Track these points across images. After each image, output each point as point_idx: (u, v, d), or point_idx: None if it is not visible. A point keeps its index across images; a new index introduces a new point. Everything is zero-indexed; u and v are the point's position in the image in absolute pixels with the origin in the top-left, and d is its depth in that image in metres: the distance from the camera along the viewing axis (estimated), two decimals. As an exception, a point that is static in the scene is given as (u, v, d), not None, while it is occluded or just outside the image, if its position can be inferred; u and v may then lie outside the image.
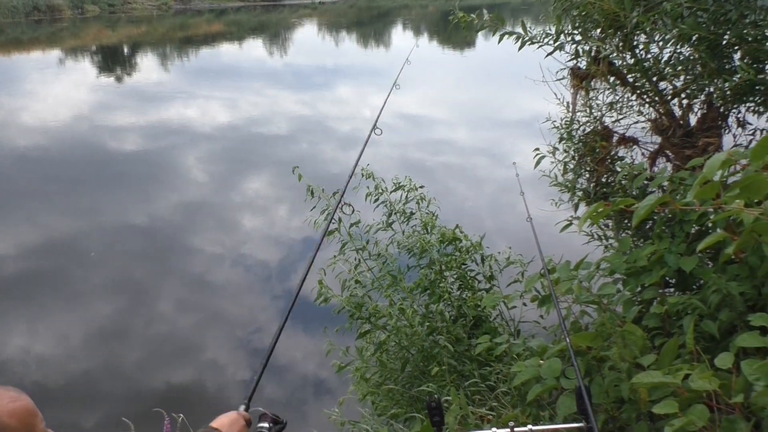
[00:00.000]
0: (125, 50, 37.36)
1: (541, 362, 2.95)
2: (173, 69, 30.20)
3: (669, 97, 3.92)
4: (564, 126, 4.24)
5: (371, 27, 47.74)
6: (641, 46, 3.96)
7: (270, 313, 10.70)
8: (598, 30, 4.02)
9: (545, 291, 3.22)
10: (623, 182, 3.64)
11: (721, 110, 3.77)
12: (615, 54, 3.99)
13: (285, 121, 19.08)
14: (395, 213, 4.47)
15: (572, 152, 4.18)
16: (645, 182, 3.62)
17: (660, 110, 3.95)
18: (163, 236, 11.62)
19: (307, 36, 44.95)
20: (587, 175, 4.18)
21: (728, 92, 3.66)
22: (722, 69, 3.66)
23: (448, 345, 3.78)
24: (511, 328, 4.20)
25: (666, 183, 3.29)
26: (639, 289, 3.36)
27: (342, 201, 3.77)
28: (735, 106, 3.84)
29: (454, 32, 41.32)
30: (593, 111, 4.22)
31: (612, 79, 4.08)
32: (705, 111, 3.80)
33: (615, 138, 4.11)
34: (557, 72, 4.34)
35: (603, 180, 4.08)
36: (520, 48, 3.95)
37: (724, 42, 3.66)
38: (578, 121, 4.24)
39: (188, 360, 8.80)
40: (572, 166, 4.18)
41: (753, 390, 1.95)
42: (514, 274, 4.40)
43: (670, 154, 3.91)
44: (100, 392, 7.38)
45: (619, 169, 3.65)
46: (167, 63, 32.36)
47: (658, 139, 3.99)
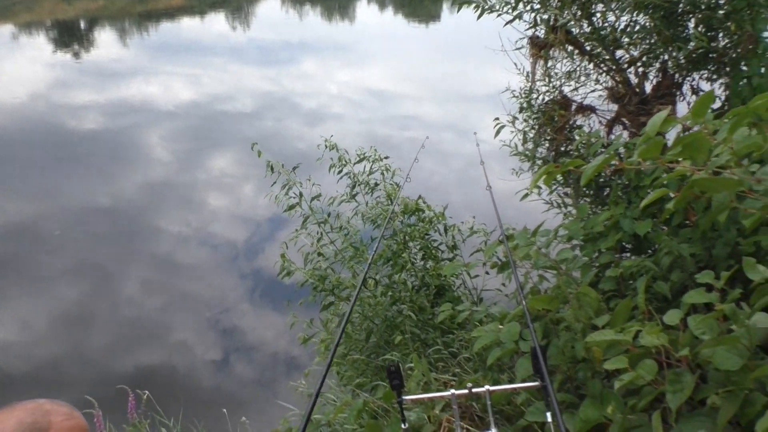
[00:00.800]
0: (82, 25, 36.19)
1: (501, 327, 3.01)
2: (133, 44, 29.40)
3: (625, 66, 3.97)
4: (523, 96, 4.27)
5: (336, 0, 47.10)
6: (598, 15, 4.00)
7: (238, 293, 10.65)
8: (557, -2, 4.05)
9: (505, 258, 3.27)
10: (581, 150, 3.69)
11: (676, 78, 3.84)
12: (572, 22, 4.02)
13: (249, 98, 18.81)
14: (359, 184, 4.47)
15: (532, 122, 4.22)
16: (601, 150, 3.68)
17: (616, 78, 4.01)
18: (128, 217, 11.42)
19: (271, 10, 44.13)
20: (547, 144, 4.23)
21: (682, 60, 3.73)
22: (677, 37, 3.72)
23: (411, 314, 3.83)
24: (474, 297, 4.26)
25: (622, 149, 3.35)
26: (596, 255, 3.44)
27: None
28: (689, 74, 3.91)
29: (419, 5, 40.97)
30: (552, 80, 4.26)
31: (570, 48, 4.12)
32: (660, 79, 3.86)
33: (573, 107, 4.16)
34: (516, 41, 4.36)
35: (562, 149, 4.13)
36: (479, 17, 3.95)
37: (679, 10, 3.72)
38: (537, 91, 4.28)
39: (156, 342, 8.73)
40: (532, 136, 4.23)
41: (699, 344, 2.02)
42: (477, 244, 4.45)
43: (627, 122, 3.98)
44: (67, 377, 7.28)
45: (577, 137, 3.71)
46: (126, 38, 31.48)
47: (615, 107, 4.05)
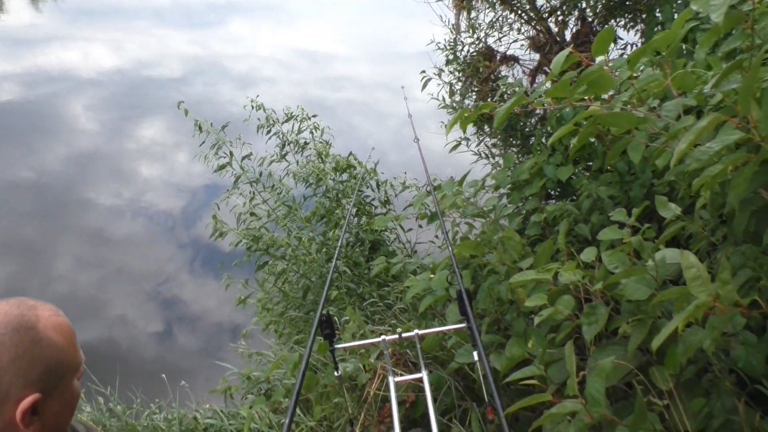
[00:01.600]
0: (-12, -9, 33.88)
1: (432, 276, 3.08)
2: (46, 9, 27.76)
3: (546, 15, 4.03)
4: (449, 48, 4.29)
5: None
6: (519, -35, 4.03)
7: (177, 263, 10.45)
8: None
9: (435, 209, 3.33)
10: (506, 99, 3.76)
11: (594, 26, 3.93)
12: (494, -28, 4.05)
13: (177, 63, 18.15)
14: (288, 144, 4.43)
15: (458, 74, 4.25)
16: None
17: (537, 28, 4.07)
18: (54, 191, 10.96)
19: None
20: (473, 96, 4.28)
21: (600, 8, 3.81)
22: (594, -15, 3.80)
23: (347, 269, 3.87)
24: (408, 250, 4.33)
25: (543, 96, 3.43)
26: (522, 203, 3.54)
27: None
28: (607, 22, 4.01)
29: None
30: (476, 31, 4.28)
31: (492, -2, 4.14)
32: (579, 27, 3.94)
33: (497, 57, 4.21)
34: (440, -8, 4.35)
35: (488, 99, 4.19)
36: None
37: (596, -41, 3.79)
38: (462, 43, 4.30)
39: (94, 318, 8.51)
40: (459, 88, 4.26)
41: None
42: (410, 199, 4.50)
43: (548, 70, 4.05)
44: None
45: (502, 87, 3.77)
46: (39, 2, 29.68)
47: (537, 57, 4.12)
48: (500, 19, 4.15)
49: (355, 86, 15.85)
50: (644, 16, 3.86)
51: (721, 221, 2.13)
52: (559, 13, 4.00)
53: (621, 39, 4.12)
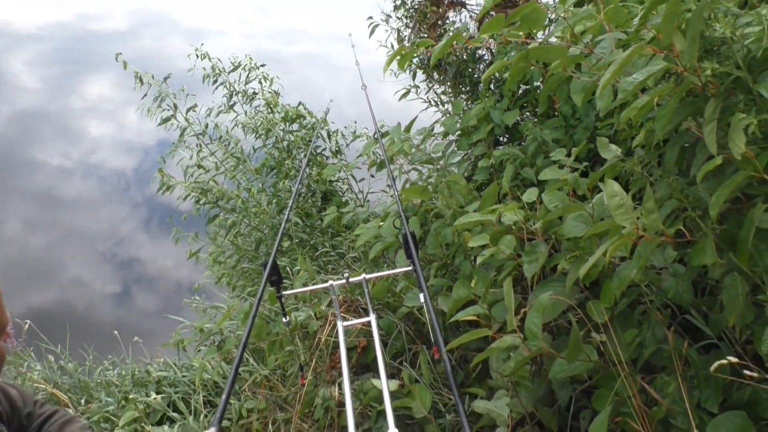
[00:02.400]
0: None
1: (381, 223, 3.10)
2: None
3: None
4: (396, -8, 4.22)
5: None
6: None
7: (132, 223, 10.25)
8: None
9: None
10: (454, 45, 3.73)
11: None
12: None
13: (123, 15, 17.45)
14: (236, 94, 4.33)
15: (406, 20, 4.20)
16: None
17: (486, -28, 4.01)
18: (-3, 152, 10.58)
19: None
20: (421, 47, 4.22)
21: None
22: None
23: (299, 220, 3.85)
24: (361, 200, 4.33)
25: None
26: (471, 149, 3.57)
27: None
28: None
29: None
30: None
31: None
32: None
33: (445, 2, 4.16)
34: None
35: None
36: None
37: None
38: (410, -13, 4.23)
39: (48, 281, 8.35)
40: (407, 35, 4.21)
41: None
42: (362, 148, 4.48)
43: (494, 14, 4.01)
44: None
45: (450, 33, 3.73)
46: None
47: (483, 1, 4.08)
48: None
49: (309, 39, 15.52)
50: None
51: (659, 161, 2.18)
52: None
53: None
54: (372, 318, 2.26)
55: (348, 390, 1.93)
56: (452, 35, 1.75)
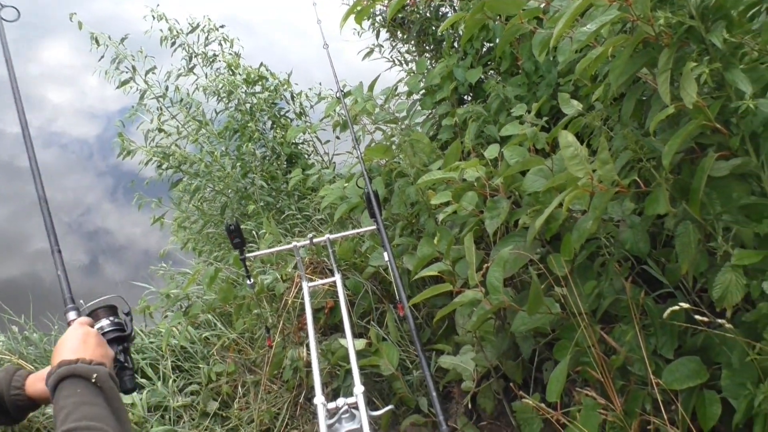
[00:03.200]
0: None
1: (346, 184, 3.08)
2: None
3: None
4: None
5: None
6: None
7: (97, 193, 10.05)
8: None
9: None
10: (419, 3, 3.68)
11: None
12: None
13: (78, -25, 16.77)
14: (196, 56, 4.22)
15: (369, -23, 4.10)
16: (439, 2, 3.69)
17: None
18: (-52, 122, 10.21)
19: None
20: (385, 1, 4.15)
21: None
22: None
23: (263, 183, 3.81)
24: (326, 162, 4.30)
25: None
26: (435, 108, 3.55)
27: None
28: None
29: None
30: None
31: None
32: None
33: (408, -41, 4.07)
34: None
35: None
36: None
37: None
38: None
39: (12, 254, 8.17)
40: (370, -8, 4.12)
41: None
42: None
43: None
44: None
45: (413, -10, 3.67)
46: None
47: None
48: None
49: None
50: None
51: (620, 117, 2.20)
52: None
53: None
54: (337, 278, 2.27)
55: (314, 350, 1.94)
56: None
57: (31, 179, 1.46)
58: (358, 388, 1.66)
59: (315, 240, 2.30)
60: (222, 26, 4.31)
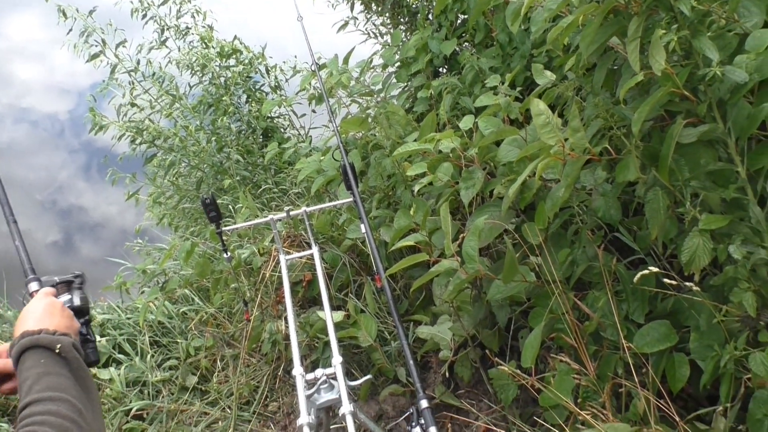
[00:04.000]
0: None
1: (323, 157, 3.08)
2: None
3: None
4: None
5: None
6: None
7: (70, 170, 9.87)
8: None
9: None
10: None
11: None
12: None
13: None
14: (168, 29, 4.14)
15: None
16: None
17: None
18: None
19: None
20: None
21: None
22: None
23: (239, 157, 3.79)
24: (303, 136, 4.27)
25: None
26: (410, 81, 3.54)
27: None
28: None
29: None
30: None
31: None
32: None
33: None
34: None
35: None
36: None
37: None
38: None
39: (-17, 232, 8.02)
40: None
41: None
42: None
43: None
44: None
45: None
46: None
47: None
48: None
49: (248, -28, 14.85)
50: None
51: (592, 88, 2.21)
52: None
53: None
54: (314, 250, 2.27)
55: (292, 323, 1.95)
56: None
57: (0, 157, 1.43)
58: (337, 359, 1.67)
59: (292, 213, 2.29)
60: (195, -3, 4.24)
